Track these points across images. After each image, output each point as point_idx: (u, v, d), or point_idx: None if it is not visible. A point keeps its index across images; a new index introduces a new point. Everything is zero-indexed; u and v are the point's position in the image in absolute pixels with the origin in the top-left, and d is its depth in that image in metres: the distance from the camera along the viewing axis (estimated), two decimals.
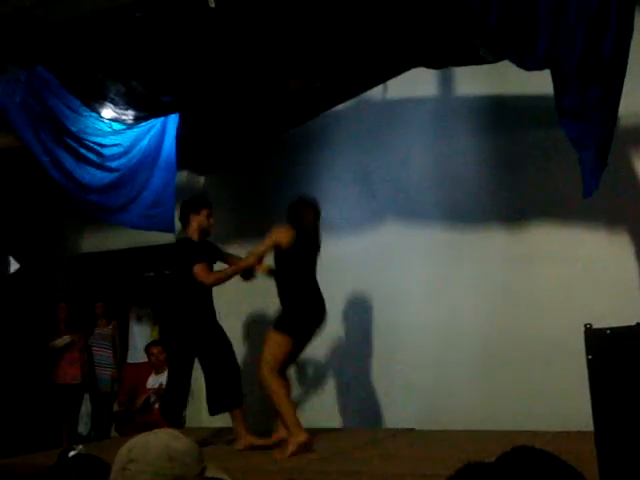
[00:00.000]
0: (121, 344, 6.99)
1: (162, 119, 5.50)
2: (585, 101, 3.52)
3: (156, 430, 1.53)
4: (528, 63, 3.75)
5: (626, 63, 3.49)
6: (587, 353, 2.25)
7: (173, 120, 5.58)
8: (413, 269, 5.70)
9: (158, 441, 1.40)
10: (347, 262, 5.93)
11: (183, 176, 6.53)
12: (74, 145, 5.05)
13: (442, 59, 4.59)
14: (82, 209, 5.59)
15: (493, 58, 4.21)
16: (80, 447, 1.79)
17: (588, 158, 3.57)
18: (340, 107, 5.92)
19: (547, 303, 5.19)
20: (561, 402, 4.78)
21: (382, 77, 5.44)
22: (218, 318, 4.80)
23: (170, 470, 1.35)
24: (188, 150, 6.03)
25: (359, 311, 5.83)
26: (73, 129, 4.99)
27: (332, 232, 6.06)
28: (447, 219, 5.64)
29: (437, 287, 5.62)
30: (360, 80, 5.39)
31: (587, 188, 3.59)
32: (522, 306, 5.29)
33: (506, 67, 4.43)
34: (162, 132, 5.58)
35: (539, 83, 4.30)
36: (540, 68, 3.77)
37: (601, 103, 3.51)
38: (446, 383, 5.40)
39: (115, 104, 4.94)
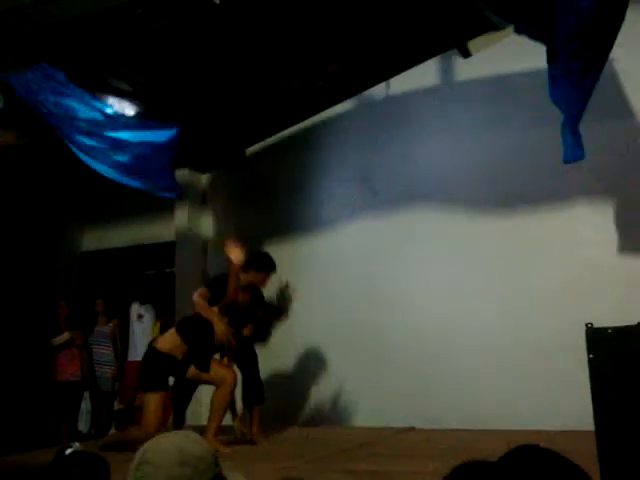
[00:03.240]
0: (122, 342, 6.98)
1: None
2: (570, 69, 3.56)
3: (175, 432, 1.50)
4: (526, 27, 3.77)
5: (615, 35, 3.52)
6: (588, 352, 2.24)
7: None
8: (415, 266, 5.69)
9: (172, 444, 1.39)
10: (347, 260, 5.93)
11: (184, 174, 6.53)
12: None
13: (452, 35, 4.51)
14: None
15: (500, 20, 4.17)
16: (76, 445, 1.78)
17: (570, 125, 3.63)
18: (341, 105, 5.92)
19: (548, 302, 5.18)
20: (562, 401, 4.77)
21: (384, 74, 5.43)
22: None
23: (181, 474, 1.33)
24: (189, 148, 6.02)
25: (362, 309, 5.82)
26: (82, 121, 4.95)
27: (334, 230, 6.07)
28: (448, 217, 5.63)
29: (438, 285, 5.61)
30: (362, 78, 5.39)
31: (568, 154, 3.65)
32: (523, 305, 5.28)
33: (506, 65, 4.43)
34: None
35: (540, 76, 4.29)
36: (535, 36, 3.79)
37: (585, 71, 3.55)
38: (446, 382, 5.39)
39: (118, 100, 4.94)
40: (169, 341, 4.41)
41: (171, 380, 4.57)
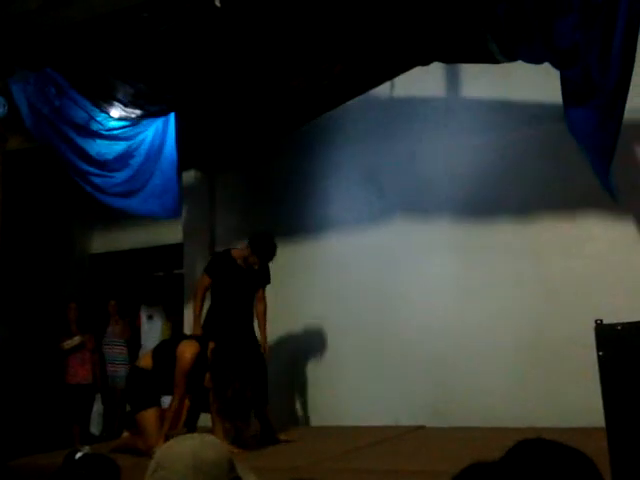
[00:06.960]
0: (133, 343, 7.00)
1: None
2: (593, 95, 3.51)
3: (191, 435, 1.49)
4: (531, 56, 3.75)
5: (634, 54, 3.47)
6: (598, 349, 2.23)
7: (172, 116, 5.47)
8: (422, 266, 5.68)
9: (187, 449, 1.36)
10: (356, 260, 5.92)
11: (191, 176, 6.55)
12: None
13: (450, 54, 4.56)
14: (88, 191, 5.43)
15: (502, 57, 4.18)
16: (86, 448, 1.78)
17: (596, 157, 3.58)
18: (347, 105, 5.90)
19: (558, 299, 5.16)
20: (573, 398, 4.75)
21: (389, 74, 5.41)
22: None
23: None
24: (196, 149, 6.03)
25: (369, 309, 5.81)
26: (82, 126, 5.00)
27: (340, 230, 6.06)
28: (456, 216, 5.61)
29: (446, 284, 5.59)
30: (367, 77, 5.37)
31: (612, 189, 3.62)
32: (533, 302, 5.26)
33: (512, 65, 4.40)
34: (165, 126, 5.48)
35: (545, 80, 4.27)
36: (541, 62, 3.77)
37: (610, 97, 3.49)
38: (457, 380, 5.38)
39: (124, 105, 4.95)
40: (148, 360, 4.52)
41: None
